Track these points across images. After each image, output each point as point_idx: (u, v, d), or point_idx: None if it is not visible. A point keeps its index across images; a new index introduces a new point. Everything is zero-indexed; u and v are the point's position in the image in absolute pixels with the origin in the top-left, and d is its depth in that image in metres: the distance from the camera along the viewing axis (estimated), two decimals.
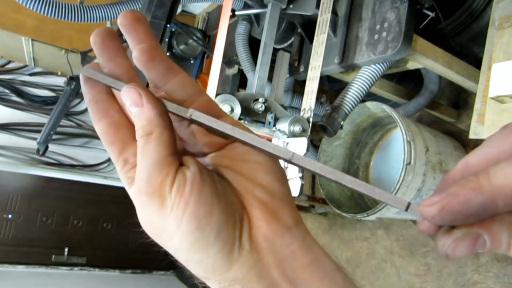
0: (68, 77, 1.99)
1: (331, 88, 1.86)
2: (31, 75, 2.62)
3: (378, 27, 1.09)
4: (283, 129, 1.03)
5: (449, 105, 1.67)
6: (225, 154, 0.28)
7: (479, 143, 0.25)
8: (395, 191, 1.20)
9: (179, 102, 0.26)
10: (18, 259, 2.83)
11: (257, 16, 1.44)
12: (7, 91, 2.58)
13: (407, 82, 1.64)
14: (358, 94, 1.16)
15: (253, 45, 1.44)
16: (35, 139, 1.99)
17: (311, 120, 1.04)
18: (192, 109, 0.25)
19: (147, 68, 0.26)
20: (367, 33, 1.12)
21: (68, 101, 1.95)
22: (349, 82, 1.19)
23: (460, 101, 1.68)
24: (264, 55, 1.13)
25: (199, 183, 0.24)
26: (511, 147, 0.22)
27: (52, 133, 1.93)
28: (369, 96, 1.37)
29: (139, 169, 0.25)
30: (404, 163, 1.20)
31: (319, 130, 1.22)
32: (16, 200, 2.84)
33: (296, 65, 1.38)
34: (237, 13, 1.34)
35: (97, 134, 0.27)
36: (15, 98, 2.61)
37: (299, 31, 1.37)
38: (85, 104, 0.32)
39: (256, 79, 1.11)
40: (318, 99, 1.10)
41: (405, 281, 1.77)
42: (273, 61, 1.21)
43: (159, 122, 0.25)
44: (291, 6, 1.21)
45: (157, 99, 0.25)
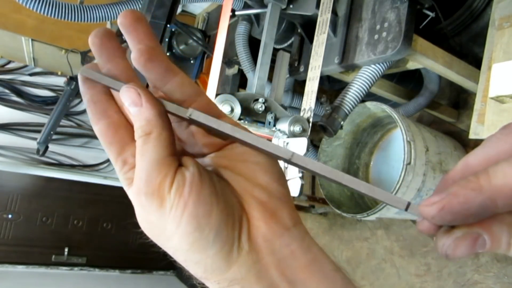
0: (68, 77, 1.99)
1: (331, 88, 1.86)
2: (31, 75, 2.62)
3: (378, 27, 1.09)
4: (283, 129, 1.03)
5: (449, 105, 1.67)
6: (224, 154, 0.28)
7: (479, 143, 0.25)
8: (395, 191, 1.20)
9: (178, 102, 0.26)
10: (18, 259, 2.83)
11: (257, 16, 1.44)
12: (7, 91, 2.58)
13: (407, 82, 1.64)
14: (358, 94, 1.15)
15: (253, 45, 1.44)
16: (35, 139, 1.99)
17: (311, 120, 1.04)
18: (191, 109, 0.25)
19: (146, 69, 0.25)
20: (367, 33, 1.12)
21: (68, 101, 1.95)
22: (349, 82, 1.19)
23: (460, 101, 1.68)
24: (264, 55, 1.13)
25: (198, 184, 0.24)
26: (511, 147, 0.21)
27: (52, 133, 1.93)
28: (369, 96, 1.37)
29: (138, 169, 0.25)
30: (404, 163, 1.20)
31: (319, 130, 1.22)
32: (16, 200, 2.84)
33: (296, 65, 1.38)
34: (237, 13, 1.34)
35: (96, 134, 0.27)
36: (15, 98, 2.61)
37: (299, 31, 1.37)
38: (84, 104, 0.31)
39: (256, 79, 1.11)
40: (318, 99, 1.10)
41: (405, 281, 1.77)
42: (273, 61, 1.21)
43: (158, 122, 0.25)
44: (291, 6, 1.21)
45: (156, 99, 0.25)
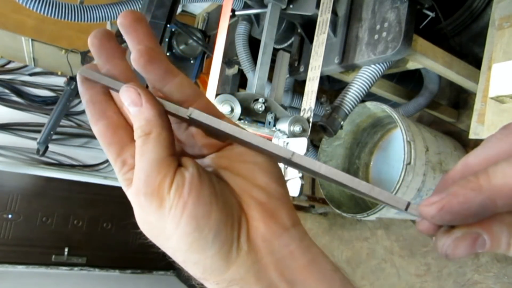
0: (68, 77, 1.99)
1: (331, 88, 1.85)
2: (31, 75, 2.62)
3: (378, 27, 1.09)
4: (283, 129, 1.03)
5: (449, 105, 1.67)
6: (223, 155, 0.28)
7: (479, 143, 0.25)
8: (395, 191, 1.20)
9: (178, 104, 0.26)
10: (18, 259, 2.83)
11: (257, 16, 1.44)
12: (7, 91, 2.58)
13: (407, 82, 1.64)
14: (358, 94, 1.15)
15: (253, 45, 1.44)
16: (35, 139, 1.99)
17: (311, 120, 1.04)
18: (191, 108, 0.25)
19: (146, 70, 0.25)
20: (367, 33, 1.12)
21: (68, 101, 1.95)
22: (349, 82, 1.19)
23: (460, 101, 1.68)
24: (264, 55, 1.13)
25: (198, 184, 0.24)
26: (510, 148, 0.21)
27: (52, 133, 1.93)
28: (369, 96, 1.37)
29: (137, 170, 0.25)
30: (404, 163, 1.20)
31: (319, 130, 1.22)
32: (16, 200, 2.84)
33: (296, 65, 1.38)
34: (237, 13, 1.34)
35: (95, 135, 0.27)
36: (15, 98, 2.61)
37: (299, 31, 1.37)
38: (83, 105, 0.31)
39: (256, 79, 1.11)
40: (318, 99, 1.10)
41: (405, 281, 1.77)
42: (273, 61, 1.21)
43: (158, 122, 0.25)
44: (291, 6, 1.21)
45: (156, 99, 0.25)
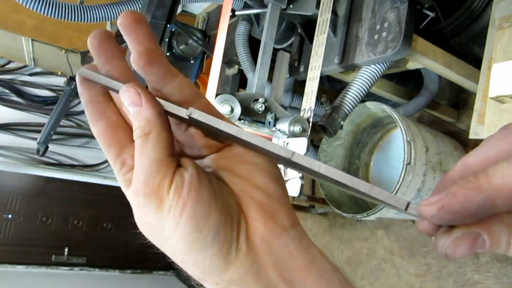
0: (68, 77, 1.99)
1: (331, 88, 1.85)
2: (31, 75, 2.62)
3: (378, 27, 1.09)
4: (283, 129, 1.03)
5: (449, 105, 1.67)
6: (222, 156, 0.28)
7: (479, 143, 0.25)
8: (395, 191, 1.20)
9: (178, 105, 0.26)
10: (18, 259, 2.83)
11: (257, 16, 1.44)
12: (7, 91, 2.58)
13: (407, 82, 1.64)
14: (358, 94, 1.15)
15: (253, 45, 1.44)
16: (35, 139, 1.99)
17: (311, 120, 1.04)
18: (191, 108, 0.25)
19: (146, 71, 0.25)
20: (367, 33, 1.12)
21: (68, 101, 1.96)
22: (349, 82, 1.19)
23: (460, 101, 1.68)
24: (264, 55, 1.13)
25: (197, 184, 0.24)
26: (510, 148, 0.21)
27: (52, 133, 1.93)
28: (369, 96, 1.37)
29: (137, 170, 0.25)
30: (404, 163, 1.20)
31: (319, 130, 1.22)
32: (16, 200, 2.84)
33: (296, 65, 1.38)
34: (237, 13, 1.34)
35: (94, 136, 0.27)
36: (15, 98, 2.61)
37: (299, 31, 1.37)
38: (83, 105, 0.31)
39: (256, 79, 1.11)
40: (318, 99, 1.10)
41: (405, 281, 1.77)
42: (273, 61, 1.21)
43: (158, 122, 0.25)
44: (291, 6, 1.21)
45: (156, 99, 0.25)
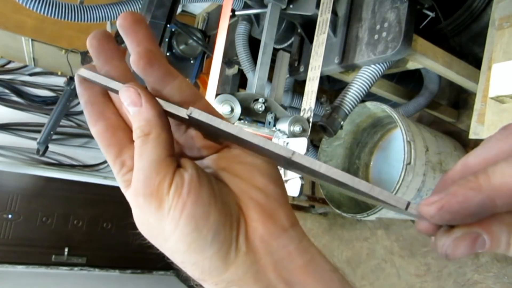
0: (68, 77, 2.00)
1: (331, 88, 1.85)
2: (31, 75, 2.62)
3: (378, 27, 1.09)
4: (283, 129, 1.03)
5: (449, 105, 1.67)
6: (222, 156, 0.28)
7: (479, 143, 0.25)
8: (395, 191, 1.20)
9: (177, 105, 0.26)
10: (18, 259, 2.83)
11: (257, 16, 1.44)
12: (7, 91, 2.58)
13: (407, 82, 1.64)
14: (358, 94, 1.15)
15: (253, 45, 1.44)
16: (35, 139, 1.99)
17: (311, 120, 1.04)
18: (191, 108, 0.25)
19: (145, 72, 0.25)
20: (367, 33, 1.12)
21: (68, 101, 1.96)
22: (349, 82, 1.19)
23: (460, 101, 1.68)
24: (264, 55, 1.13)
25: (197, 185, 0.24)
26: (510, 148, 0.21)
27: (52, 133, 1.93)
28: (369, 96, 1.37)
29: (136, 170, 0.25)
30: (404, 163, 1.20)
31: (319, 130, 1.22)
32: (16, 200, 2.84)
33: (296, 65, 1.38)
34: (237, 13, 1.34)
35: (93, 136, 0.27)
36: (15, 98, 2.61)
37: (299, 31, 1.37)
38: (82, 106, 0.31)
39: (256, 79, 1.11)
40: (318, 99, 1.10)
41: (405, 281, 1.77)
42: (273, 61, 1.21)
43: (158, 122, 0.25)
44: (291, 6, 1.21)
45: (156, 99, 0.25)
